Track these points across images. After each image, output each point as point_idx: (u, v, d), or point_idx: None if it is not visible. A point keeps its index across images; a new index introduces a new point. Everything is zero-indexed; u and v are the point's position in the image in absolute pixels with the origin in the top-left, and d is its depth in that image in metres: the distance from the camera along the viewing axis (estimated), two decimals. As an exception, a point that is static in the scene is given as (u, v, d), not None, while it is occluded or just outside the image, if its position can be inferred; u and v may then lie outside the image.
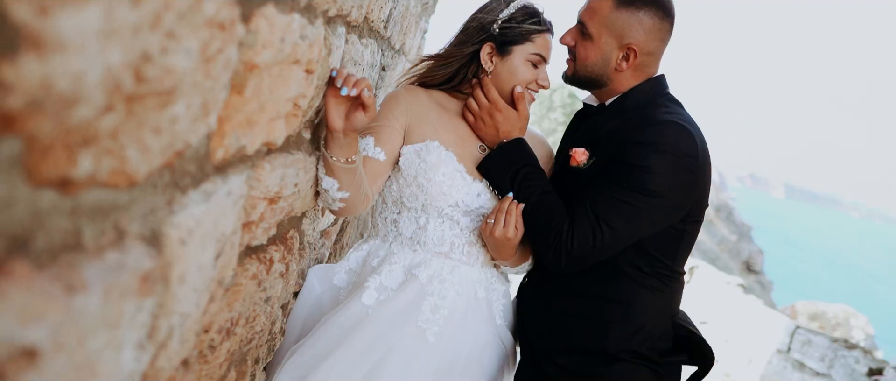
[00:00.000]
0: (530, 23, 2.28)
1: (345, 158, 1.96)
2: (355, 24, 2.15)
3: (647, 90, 2.34)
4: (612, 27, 2.27)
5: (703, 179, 2.25)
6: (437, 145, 2.24)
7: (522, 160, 2.27)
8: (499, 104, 2.30)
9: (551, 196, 2.23)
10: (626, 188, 2.13)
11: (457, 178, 2.21)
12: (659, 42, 2.32)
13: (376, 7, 2.46)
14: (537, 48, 2.30)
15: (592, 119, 2.42)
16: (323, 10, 1.62)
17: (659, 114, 2.24)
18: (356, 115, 1.87)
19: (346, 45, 2.11)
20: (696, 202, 2.25)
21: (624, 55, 2.29)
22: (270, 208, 1.59)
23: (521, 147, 2.30)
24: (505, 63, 2.30)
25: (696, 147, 2.18)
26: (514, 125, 2.32)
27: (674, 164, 2.13)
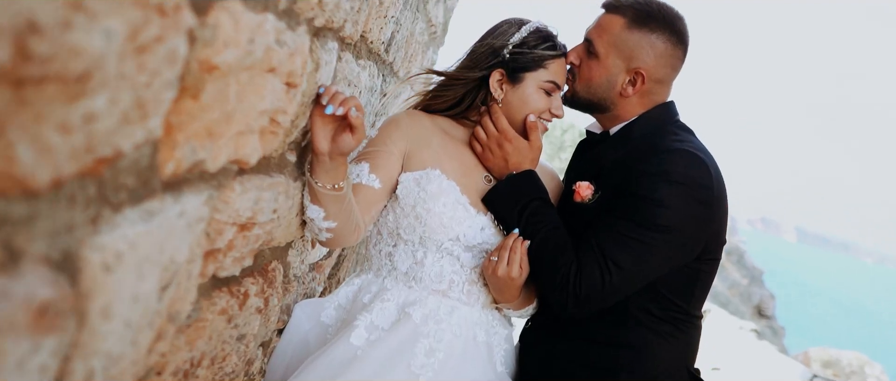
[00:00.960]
0: (543, 48, 2.13)
1: (331, 184, 1.80)
2: (350, 41, 1.99)
3: (656, 117, 2.17)
4: (621, 47, 2.11)
5: (719, 213, 2.07)
6: (438, 174, 2.07)
7: (532, 194, 2.10)
8: (508, 134, 2.14)
9: (560, 233, 2.05)
10: (635, 223, 1.95)
11: (459, 210, 2.04)
12: (669, 69, 2.16)
13: (375, 27, 2.32)
14: (551, 75, 2.14)
15: (596, 149, 2.25)
16: (307, 18, 1.47)
17: (669, 142, 2.07)
18: (343, 137, 1.70)
19: (340, 63, 1.95)
20: (711, 238, 2.07)
21: (631, 79, 2.13)
22: (242, 235, 1.42)
23: (532, 180, 2.13)
24: (516, 91, 2.14)
25: (710, 177, 2.00)
26: (524, 156, 2.15)
27: (686, 196, 1.95)
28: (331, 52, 1.77)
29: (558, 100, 2.18)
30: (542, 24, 2.18)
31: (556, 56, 2.14)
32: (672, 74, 2.17)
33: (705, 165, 2.00)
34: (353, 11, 1.86)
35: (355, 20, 1.94)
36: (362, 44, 2.28)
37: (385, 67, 2.88)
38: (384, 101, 2.57)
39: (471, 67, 2.17)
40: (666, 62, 2.12)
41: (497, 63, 2.13)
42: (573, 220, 2.13)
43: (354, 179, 2.06)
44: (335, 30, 1.77)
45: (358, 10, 1.92)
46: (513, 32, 2.15)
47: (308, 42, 1.51)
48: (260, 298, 1.73)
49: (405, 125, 2.15)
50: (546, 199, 2.11)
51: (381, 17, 2.33)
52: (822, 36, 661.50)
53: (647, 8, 2.10)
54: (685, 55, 2.17)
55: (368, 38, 2.31)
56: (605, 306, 1.99)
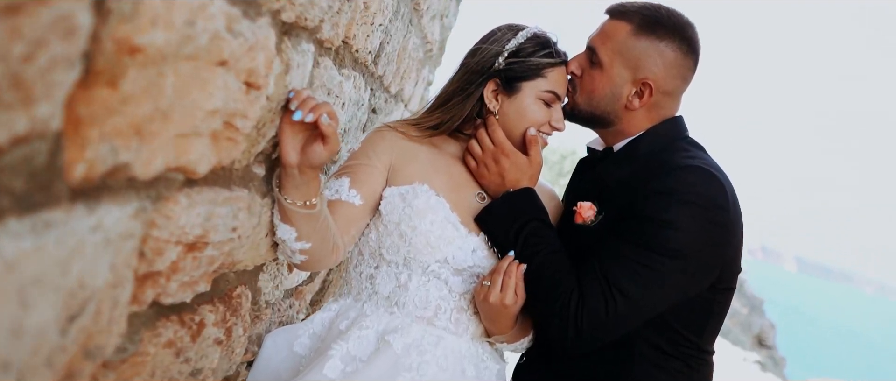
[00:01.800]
0: (542, 54, 1.95)
1: (302, 200, 1.61)
2: (329, 45, 1.82)
3: (664, 133, 2.00)
4: (627, 56, 1.94)
5: (736, 237, 1.88)
6: (426, 189, 1.89)
7: (530, 213, 1.91)
8: (505, 148, 1.95)
9: (560, 257, 1.87)
10: (643, 247, 1.76)
11: (448, 228, 1.85)
12: (679, 81, 1.99)
13: (361, 33, 2.15)
14: (550, 84, 1.96)
15: (599, 167, 2.07)
16: (272, 10, 1.29)
17: (679, 158, 1.89)
18: (314, 148, 1.52)
19: (318, 68, 1.78)
20: (727, 265, 1.88)
21: (637, 91, 1.95)
22: (191, 256, 1.23)
23: (530, 198, 1.95)
24: (513, 102, 1.96)
25: (726, 197, 1.82)
26: (523, 172, 1.97)
27: (701, 217, 1.77)
28: (305, 54, 1.60)
29: (559, 112, 2.01)
30: (541, 30, 2.01)
31: (555, 64, 1.96)
32: (682, 85, 1.99)
33: (720, 183, 1.82)
34: (332, 11, 1.69)
35: (335, 22, 1.77)
36: (346, 51, 2.11)
37: (374, 81, 2.71)
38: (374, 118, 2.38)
39: (465, 82, 1.99)
40: (676, 73, 1.95)
41: (492, 73, 1.96)
42: (574, 244, 1.95)
43: (333, 194, 1.88)
44: (310, 30, 1.60)
45: (338, 10, 1.75)
46: (508, 39, 1.97)
47: (274, 38, 1.33)
48: (220, 328, 1.54)
49: (391, 137, 1.97)
50: (545, 220, 1.92)
51: (367, 24, 2.16)
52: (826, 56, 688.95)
53: (656, 14, 1.93)
54: (696, 66, 2.00)
55: (353, 46, 2.14)
56: (608, 339, 1.79)
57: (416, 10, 3.22)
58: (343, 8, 1.79)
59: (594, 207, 1.96)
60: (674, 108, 2.03)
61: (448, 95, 2.00)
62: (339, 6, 1.75)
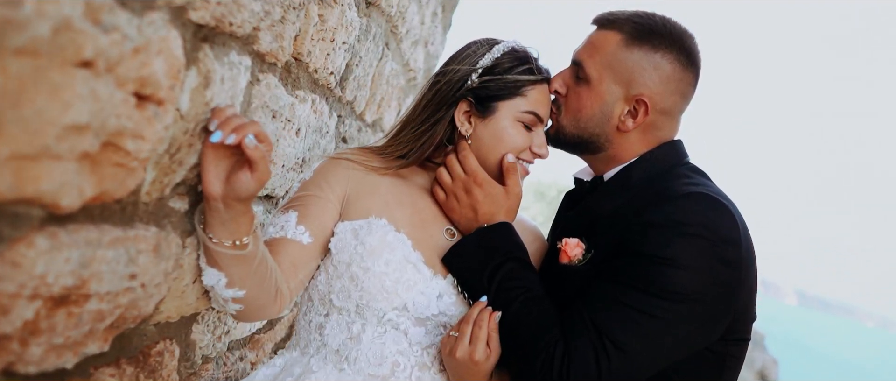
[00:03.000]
0: (520, 71, 1.71)
1: (231, 240, 1.36)
2: (273, 60, 1.58)
3: (661, 158, 1.74)
4: (618, 70, 1.70)
5: (750, 277, 1.62)
6: (383, 224, 1.64)
7: (506, 252, 1.65)
8: (478, 176, 1.71)
9: (542, 304, 1.61)
10: (640, 291, 1.51)
11: (407, 270, 1.59)
12: (678, 97, 1.74)
13: (318, 51, 1.91)
14: (531, 104, 1.72)
15: (588, 199, 1.81)
16: (172, 5, 1.05)
17: (679, 185, 1.64)
18: (239, 176, 1.27)
19: (258, 86, 1.54)
20: (741, 310, 1.62)
21: (630, 110, 1.71)
22: (62, 312, 0.98)
23: (506, 235, 1.69)
24: (488, 125, 1.72)
25: (736, 229, 1.57)
26: (498, 205, 1.72)
27: (708, 253, 1.52)
28: (235, 67, 1.35)
29: (541, 136, 1.76)
30: (519, 44, 1.77)
31: (536, 81, 1.72)
32: (681, 103, 1.75)
33: (729, 212, 1.57)
34: (271, 19, 1.46)
35: (278, 33, 1.54)
36: (300, 70, 1.87)
37: (342, 106, 2.47)
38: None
39: (434, 105, 1.74)
40: (674, 88, 1.71)
41: (464, 92, 1.72)
42: (560, 288, 1.69)
43: (277, 232, 1.63)
44: (242, 38, 1.36)
45: (280, 19, 1.52)
46: (482, 54, 1.74)
47: (180, 41, 1.09)
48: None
49: (346, 165, 1.72)
50: (524, 259, 1.66)
51: (325, 41, 1.93)
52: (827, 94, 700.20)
53: (650, 22, 1.70)
54: (697, 81, 1.76)
55: (309, 65, 1.90)
56: None
57: (393, 32, 3.00)
58: (288, 17, 1.55)
59: (582, 244, 1.70)
60: (672, 129, 1.79)
61: (416, 118, 1.76)
62: (282, 14, 1.51)
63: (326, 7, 1.83)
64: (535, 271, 1.68)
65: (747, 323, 1.66)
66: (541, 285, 1.66)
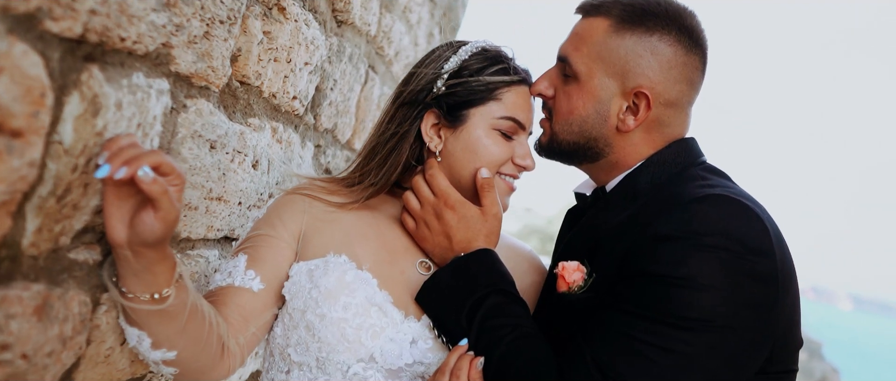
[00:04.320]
0: (493, 71, 1.50)
1: (148, 293, 1.15)
2: (203, 83, 1.39)
3: (670, 159, 1.49)
4: (610, 60, 1.46)
5: (790, 293, 1.34)
6: (342, 261, 1.42)
7: (487, 284, 1.42)
8: (449, 198, 1.48)
9: (532, 344, 1.37)
10: (653, 321, 1.25)
11: (371, 314, 1.37)
12: (684, 85, 1.49)
13: (270, 72, 1.72)
14: (508, 109, 1.50)
15: (589, 215, 1.56)
16: (15, 13, 0.86)
17: (693, 188, 1.38)
18: (142, 218, 1.07)
19: (185, 113, 1.34)
20: (782, 334, 1.33)
21: (630, 105, 1.47)
22: None
23: (487, 263, 1.46)
24: (459, 136, 1.50)
25: (766, 235, 1.30)
26: (475, 229, 1.49)
27: (732, 267, 1.25)
28: (141, 91, 1.16)
29: (524, 145, 1.54)
30: (490, 43, 1.56)
31: (512, 83, 1.51)
32: (688, 91, 1.50)
33: (757, 217, 1.30)
34: (185, 34, 1.26)
35: (203, 51, 1.34)
36: (251, 95, 1.68)
37: (320, 135, 2.28)
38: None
39: (398, 118, 1.54)
40: (678, 74, 1.46)
41: (430, 102, 1.51)
42: (559, 322, 1.45)
43: (224, 279, 1.43)
44: (147, 57, 1.17)
45: (204, 35, 1.32)
46: (447, 57, 1.53)
47: (35, 57, 0.89)
48: None
49: (301, 199, 1.51)
50: (510, 291, 1.43)
51: (279, 62, 1.74)
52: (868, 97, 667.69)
53: (641, 2, 1.46)
54: (704, 64, 1.51)
55: (262, 89, 1.71)
56: None
57: (379, 54, 2.81)
58: (214, 33, 1.36)
59: (582, 267, 1.45)
60: (681, 124, 1.53)
61: (380, 138, 1.55)
62: (205, 29, 1.32)
63: (273, 23, 1.64)
64: (524, 304, 1.44)
65: (791, 350, 1.38)
66: (531, 321, 1.42)
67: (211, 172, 1.48)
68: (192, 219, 1.47)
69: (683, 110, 1.52)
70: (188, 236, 1.50)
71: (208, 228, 1.58)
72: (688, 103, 1.53)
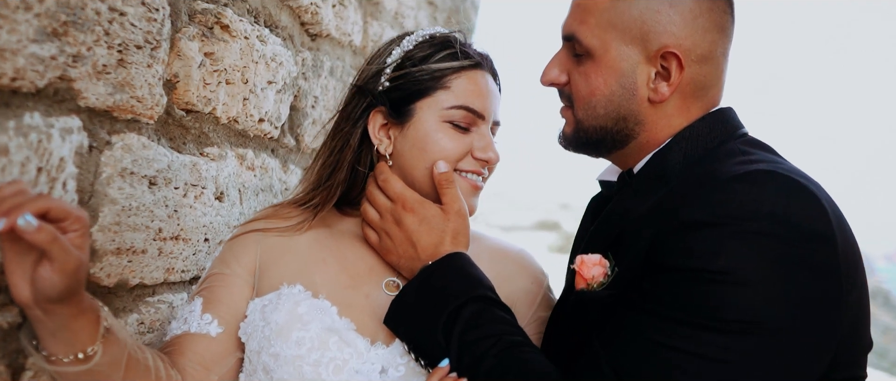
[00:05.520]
0: (439, 58, 1.36)
1: (70, 354, 1.04)
2: (130, 116, 1.28)
3: (705, 132, 1.28)
4: (624, 25, 1.26)
5: (855, 285, 1.13)
6: (296, 292, 1.29)
7: (461, 292, 1.26)
8: (407, 200, 1.34)
9: (521, 354, 1.20)
10: (685, 323, 1.07)
11: (330, 346, 1.23)
12: (715, 33, 1.27)
13: (222, 95, 1.60)
14: (458, 97, 1.35)
15: (615, 202, 1.36)
16: None
17: (731, 165, 1.18)
18: (39, 273, 0.96)
19: (111, 150, 1.23)
20: (846, 335, 1.12)
21: (659, 70, 1.26)
22: None
23: (457, 269, 1.30)
24: (407, 134, 1.36)
25: (825, 217, 1.09)
26: (440, 231, 1.33)
27: (782, 256, 1.06)
28: (36, 131, 1.05)
29: (486, 136, 1.37)
30: (439, 30, 1.42)
31: (462, 68, 1.35)
32: (721, 39, 1.28)
33: (812, 197, 1.11)
34: (88, 65, 1.15)
35: (121, 81, 1.23)
36: (204, 123, 1.57)
37: (306, 157, 2.15)
38: None
39: (342, 122, 1.41)
40: (705, 22, 1.26)
41: (375, 101, 1.37)
42: (575, 323, 1.28)
43: (180, 327, 1.31)
44: (40, 94, 1.06)
45: (118, 63, 1.21)
46: (391, 50, 1.40)
47: None
48: None
49: (253, 233, 1.39)
50: (488, 296, 1.26)
51: (234, 84, 1.62)
52: None
53: None
54: (731, 3, 1.30)
55: (217, 115, 1.59)
56: None
57: (373, 66, 2.68)
58: (130, 59, 1.24)
59: (605, 261, 1.27)
60: (718, 81, 1.32)
61: (327, 147, 1.42)
62: (118, 57, 1.21)
63: (216, 43, 1.53)
64: (506, 309, 1.28)
65: (857, 354, 1.17)
66: (518, 328, 1.26)
67: (155, 210, 1.36)
68: (141, 263, 1.36)
69: (719, 64, 1.31)
70: (142, 282, 1.39)
71: (167, 270, 1.46)
72: (723, 55, 1.31)
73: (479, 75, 1.37)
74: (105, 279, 1.27)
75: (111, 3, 1.17)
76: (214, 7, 1.53)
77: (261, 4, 1.76)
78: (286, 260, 1.35)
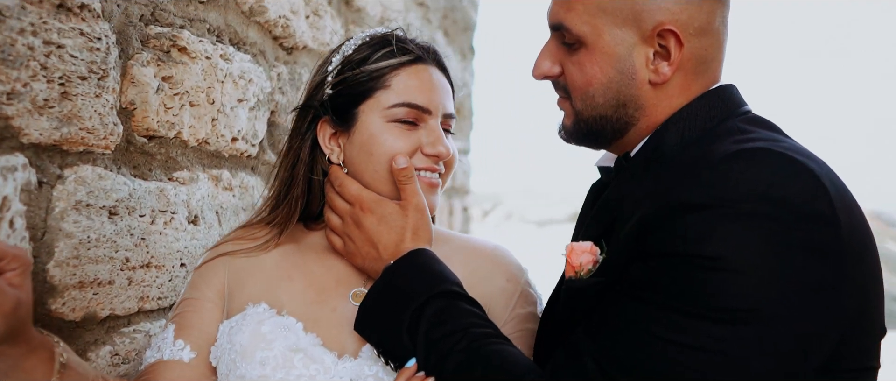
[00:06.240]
0: (378, 58, 1.33)
1: None
2: (82, 148, 1.27)
3: (703, 111, 1.22)
4: (613, 8, 1.20)
5: (861, 269, 1.07)
6: (261, 311, 1.28)
7: (424, 290, 1.22)
8: (364, 200, 1.31)
9: (488, 347, 1.17)
10: (676, 311, 1.02)
11: (295, 364, 1.20)
12: (712, 2, 1.21)
13: (187, 118, 1.59)
14: (400, 94, 1.32)
15: (611, 187, 1.31)
16: None
17: (729, 144, 1.12)
18: None
19: (64, 184, 1.22)
20: (852, 321, 1.06)
21: (657, 49, 1.20)
22: None
23: (419, 265, 1.26)
24: (354, 139, 1.34)
25: (825, 197, 1.03)
26: (399, 227, 1.30)
27: (777, 238, 1.00)
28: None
29: (435, 131, 1.33)
30: (378, 30, 1.39)
31: (401, 64, 1.32)
32: (717, 7, 1.22)
33: (810, 175, 1.04)
34: (25, 101, 1.14)
35: (67, 114, 1.22)
36: (172, 147, 1.56)
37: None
38: None
39: (293, 137, 1.39)
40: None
41: (321, 112, 1.36)
42: (565, 316, 1.24)
43: (153, 355, 1.30)
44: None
45: (61, 96, 1.20)
46: (332, 58, 1.38)
47: None
48: None
49: (220, 257, 1.37)
50: (453, 290, 1.22)
51: (199, 105, 1.61)
52: None
53: None
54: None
55: (185, 139, 1.58)
56: None
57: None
58: (74, 91, 1.23)
59: (596, 249, 1.22)
60: (719, 53, 1.25)
61: (280, 166, 1.41)
62: (60, 90, 1.19)
63: (174, 66, 1.51)
64: (474, 302, 1.24)
65: (868, 342, 1.11)
66: (486, 320, 1.22)
67: (118, 240, 1.35)
68: (109, 294, 1.35)
69: (719, 35, 1.24)
70: (113, 313, 1.38)
71: (141, 299, 1.45)
72: (722, 24, 1.24)
73: (420, 69, 1.34)
74: (69, 314, 1.27)
75: (46, 37, 1.16)
76: (169, 30, 1.52)
77: (224, 23, 1.75)
78: (253, 280, 1.33)
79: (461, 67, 4.37)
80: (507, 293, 1.38)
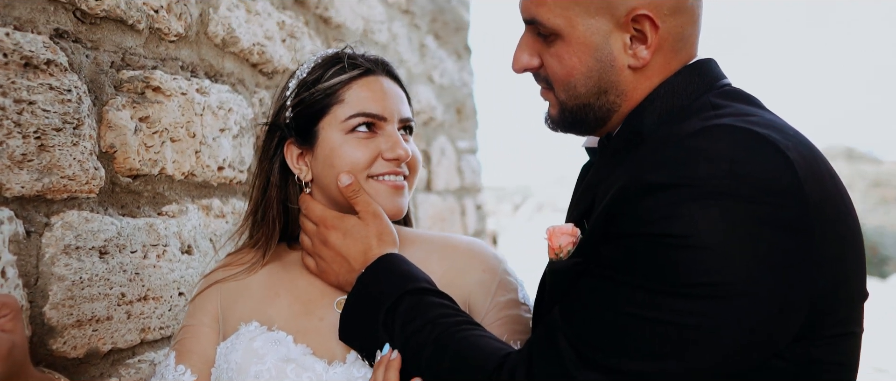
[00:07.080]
0: (330, 76, 1.39)
1: None
2: (65, 195, 1.34)
3: (680, 88, 1.23)
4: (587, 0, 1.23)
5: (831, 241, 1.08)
6: (252, 329, 1.34)
7: (394, 291, 1.27)
8: (327, 220, 1.37)
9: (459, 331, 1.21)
10: (644, 289, 1.05)
11: (288, 374, 1.26)
12: None
13: (170, 154, 1.66)
14: (354, 106, 1.37)
15: (593, 169, 1.34)
16: None
17: (697, 122, 1.14)
18: None
19: (51, 231, 1.30)
20: (825, 292, 1.07)
21: (633, 34, 1.22)
22: None
23: (389, 269, 1.31)
24: (318, 155, 1.40)
25: (789, 171, 1.04)
26: (363, 237, 1.35)
27: (743, 215, 1.02)
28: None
29: (391, 136, 1.38)
30: (328, 51, 1.46)
31: (353, 78, 1.39)
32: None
33: (774, 150, 1.06)
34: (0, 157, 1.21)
35: (46, 165, 1.29)
36: (159, 184, 1.63)
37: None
38: None
39: (261, 161, 1.46)
40: None
41: (284, 135, 1.42)
42: (549, 295, 1.27)
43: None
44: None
45: (39, 149, 1.27)
46: (289, 82, 1.45)
47: None
48: None
49: (213, 284, 1.44)
50: (422, 287, 1.27)
51: (180, 140, 1.68)
52: None
53: None
54: None
55: (172, 174, 1.65)
56: None
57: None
58: (49, 142, 1.31)
59: (577, 230, 1.26)
60: (695, 28, 1.27)
61: (253, 189, 1.47)
62: (37, 143, 1.27)
63: (150, 106, 1.59)
64: (444, 296, 1.28)
65: (845, 310, 1.11)
66: (457, 310, 1.26)
67: (112, 278, 1.43)
68: (109, 329, 1.43)
69: (694, 11, 1.25)
70: (115, 347, 1.45)
71: (142, 330, 1.53)
72: (693, 11, 1.25)
73: (372, 81, 1.39)
74: (72, 352, 1.34)
75: (16, 96, 1.23)
76: (141, 73, 1.59)
77: (198, 58, 1.82)
78: (243, 301, 1.39)
79: (457, 67, 4.41)
80: (486, 284, 1.42)
